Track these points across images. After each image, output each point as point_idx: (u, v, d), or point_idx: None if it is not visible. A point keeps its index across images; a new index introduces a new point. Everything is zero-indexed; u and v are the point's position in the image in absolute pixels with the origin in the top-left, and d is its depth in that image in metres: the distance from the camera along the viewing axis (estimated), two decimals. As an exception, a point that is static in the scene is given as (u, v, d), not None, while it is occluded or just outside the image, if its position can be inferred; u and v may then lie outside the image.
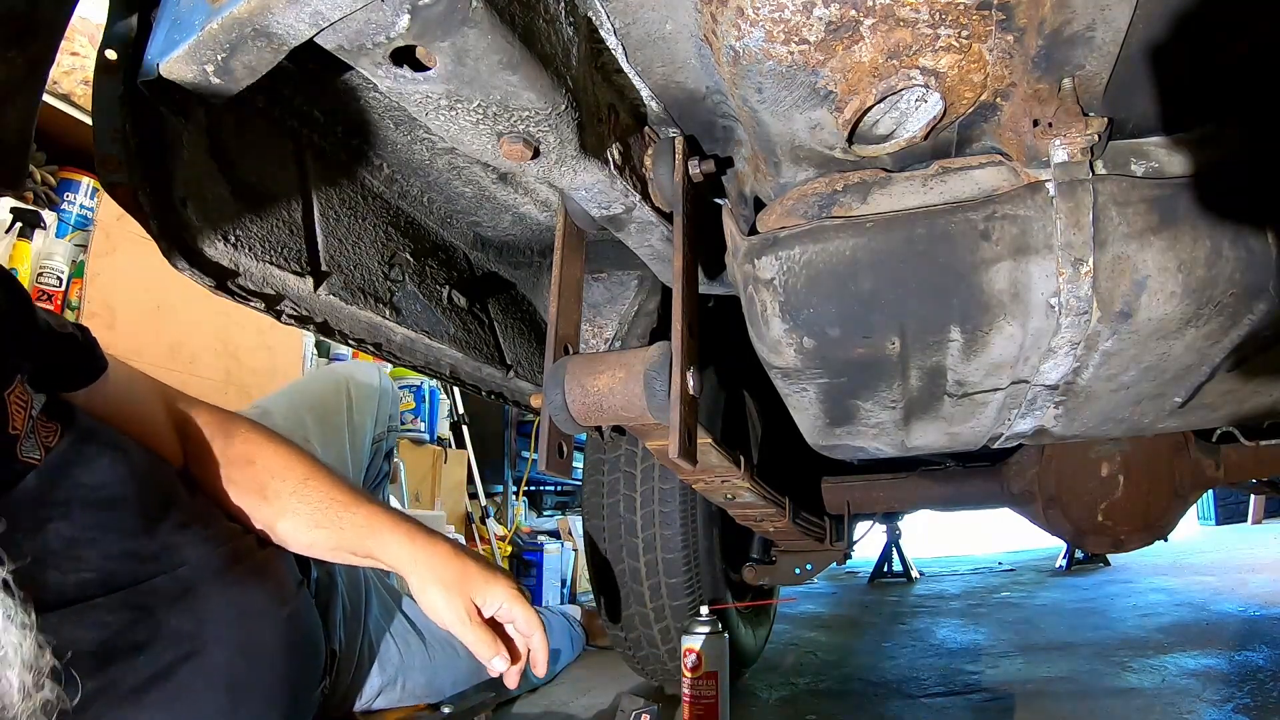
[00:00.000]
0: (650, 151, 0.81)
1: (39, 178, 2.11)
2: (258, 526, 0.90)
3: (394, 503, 2.71)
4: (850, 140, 0.70)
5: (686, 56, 0.72)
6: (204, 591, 0.78)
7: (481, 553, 0.94)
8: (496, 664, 0.85)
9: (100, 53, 0.68)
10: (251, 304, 0.88)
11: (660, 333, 1.40)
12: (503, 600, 0.87)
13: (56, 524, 0.67)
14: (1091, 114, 0.68)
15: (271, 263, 0.90)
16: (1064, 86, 0.67)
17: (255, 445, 0.91)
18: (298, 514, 0.88)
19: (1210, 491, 5.36)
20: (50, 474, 0.68)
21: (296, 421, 1.25)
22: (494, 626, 0.88)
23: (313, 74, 0.83)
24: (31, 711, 0.53)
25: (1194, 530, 5.90)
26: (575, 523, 3.87)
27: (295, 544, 0.91)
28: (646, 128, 0.83)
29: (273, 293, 0.91)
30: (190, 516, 0.81)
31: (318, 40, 0.49)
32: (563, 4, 0.60)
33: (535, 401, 0.83)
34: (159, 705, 0.71)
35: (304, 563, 0.97)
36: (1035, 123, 0.69)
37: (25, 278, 1.97)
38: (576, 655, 2.35)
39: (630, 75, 0.75)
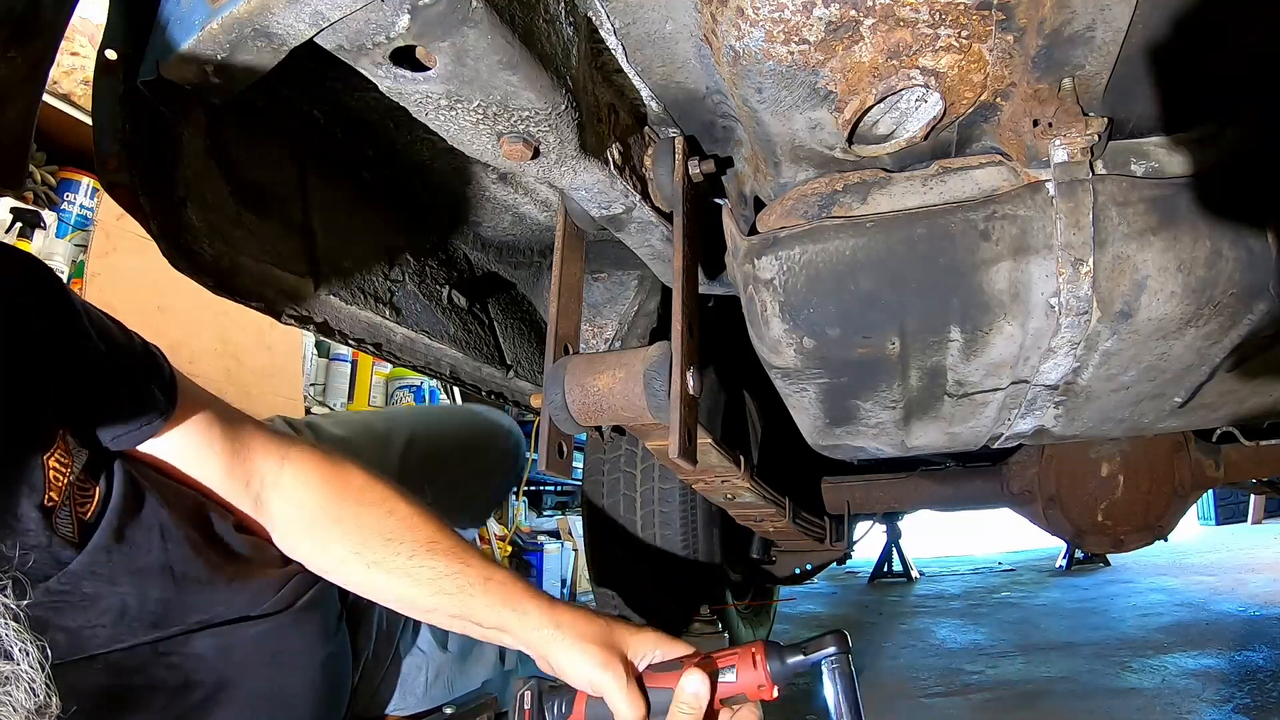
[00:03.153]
0: (650, 151, 0.81)
1: (39, 178, 2.11)
2: (358, 589, 0.83)
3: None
4: (850, 140, 0.70)
5: (686, 56, 0.72)
6: (236, 640, 0.74)
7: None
8: (691, 682, 0.74)
9: (100, 53, 0.68)
10: (251, 304, 0.88)
11: (660, 333, 1.40)
12: (655, 645, 0.78)
13: (84, 596, 0.62)
14: (1091, 114, 0.68)
15: (271, 262, 0.89)
16: (1064, 86, 0.67)
17: (378, 502, 0.82)
18: (416, 578, 0.80)
19: (1210, 491, 5.36)
20: (83, 552, 0.61)
21: (440, 461, 1.22)
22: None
23: (313, 74, 0.83)
24: None
25: (1194, 530, 5.90)
26: (575, 523, 3.87)
27: (409, 609, 0.83)
28: (646, 128, 0.83)
29: (272, 293, 0.91)
30: (237, 572, 0.75)
31: (318, 40, 0.49)
32: (563, 4, 0.60)
33: (535, 401, 0.83)
34: None
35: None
36: (1035, 123, 0.68)
37: (25, 278, 1.97)
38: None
39: (630, 75, 0.75)
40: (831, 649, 0.71)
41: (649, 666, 0.78)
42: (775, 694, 0.74)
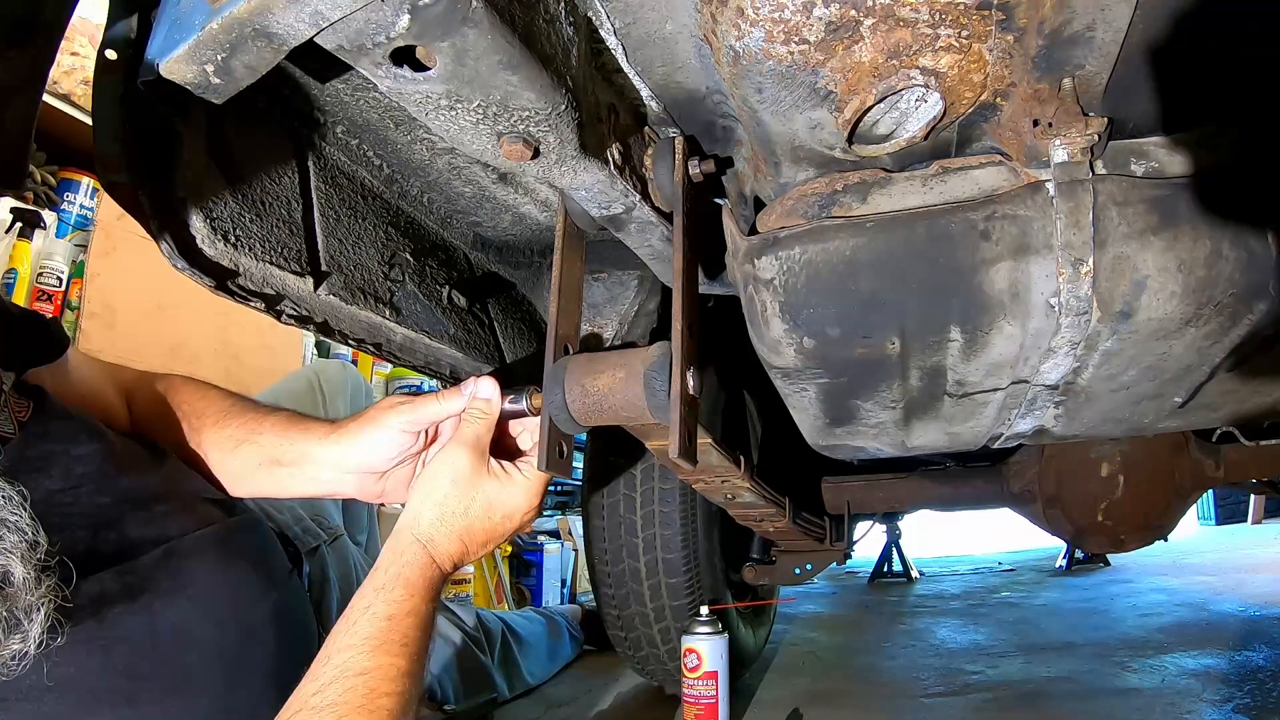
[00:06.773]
0: (650, 151, 0.81)
1: (39, 178, 2.11)
2: (215, 475, 0.92)
3: (394, 503, 2.71)
4: (850, 140, 0.70)
5: (686, 56, 0.72)
6: (192, 566, 0.78)
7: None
8: (483, 387, 0.84)
9: (100, 53, 0.68)
10: (251, 304, 0.88)
11: (660, 333, 1.40)
12: (436, 398, 0.86)
13: (32, 492, 0.68)
14: (1091, 114, 0.68)
15: (271, 262, 0.89)
16: (1064, 86, 0.67)
17: (175, 390, 0.96)
18: (222, 446, 0.90)
19: (1210, 491, 5.36)
20: (25, 447, 0.69)
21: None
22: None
23: (313, 74, 0.83)
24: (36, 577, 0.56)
25: (1194, 530, 5.90)
26: (575, 523, 3.87)
27: (227, 473, 0.91)
28: (646, 128, 0.83)
29: (273, 293, 0.91)
30: (172, 502, 0.82)
31: (318, 40, 0.49)
32: (563, 4, 0.60)
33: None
34: (158, 692, 0.71)
35: (295, 556, 0.99)
36: (1035, 123, 0.68)
37: (25, 278, 1.97)
38: (576, 655, 2.35)
39: (630, 75, 0.75)
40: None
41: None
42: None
